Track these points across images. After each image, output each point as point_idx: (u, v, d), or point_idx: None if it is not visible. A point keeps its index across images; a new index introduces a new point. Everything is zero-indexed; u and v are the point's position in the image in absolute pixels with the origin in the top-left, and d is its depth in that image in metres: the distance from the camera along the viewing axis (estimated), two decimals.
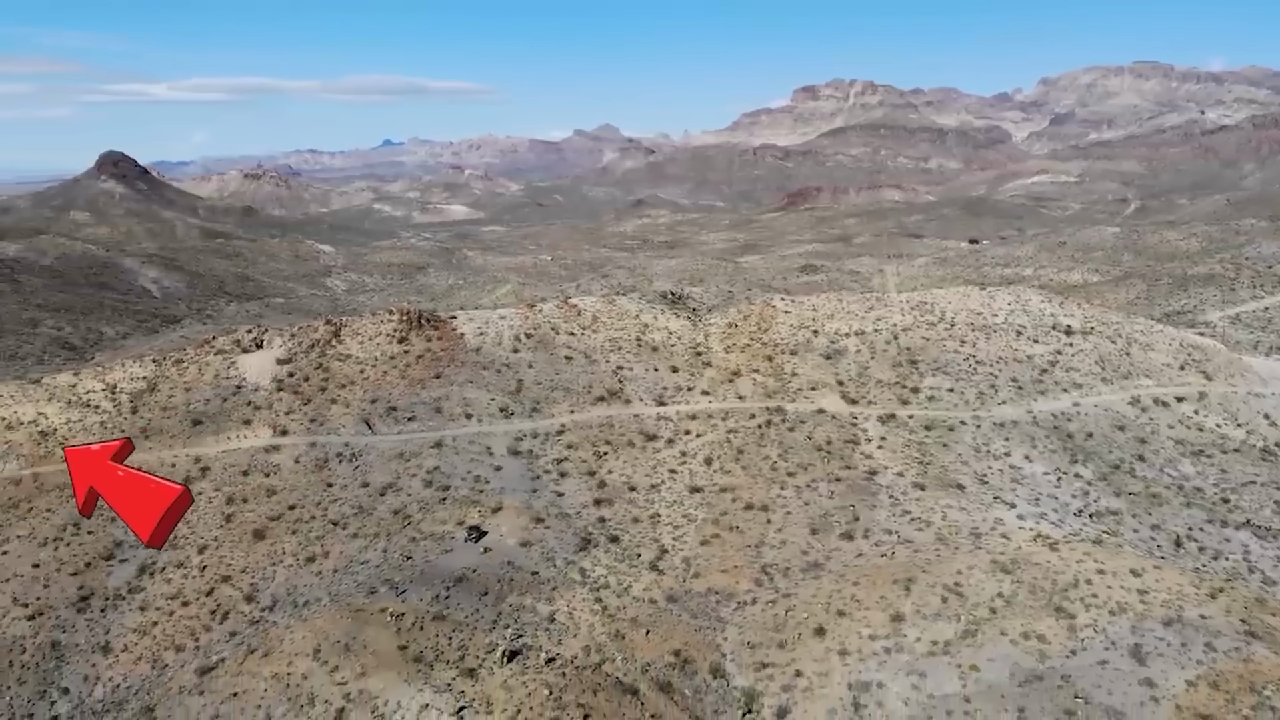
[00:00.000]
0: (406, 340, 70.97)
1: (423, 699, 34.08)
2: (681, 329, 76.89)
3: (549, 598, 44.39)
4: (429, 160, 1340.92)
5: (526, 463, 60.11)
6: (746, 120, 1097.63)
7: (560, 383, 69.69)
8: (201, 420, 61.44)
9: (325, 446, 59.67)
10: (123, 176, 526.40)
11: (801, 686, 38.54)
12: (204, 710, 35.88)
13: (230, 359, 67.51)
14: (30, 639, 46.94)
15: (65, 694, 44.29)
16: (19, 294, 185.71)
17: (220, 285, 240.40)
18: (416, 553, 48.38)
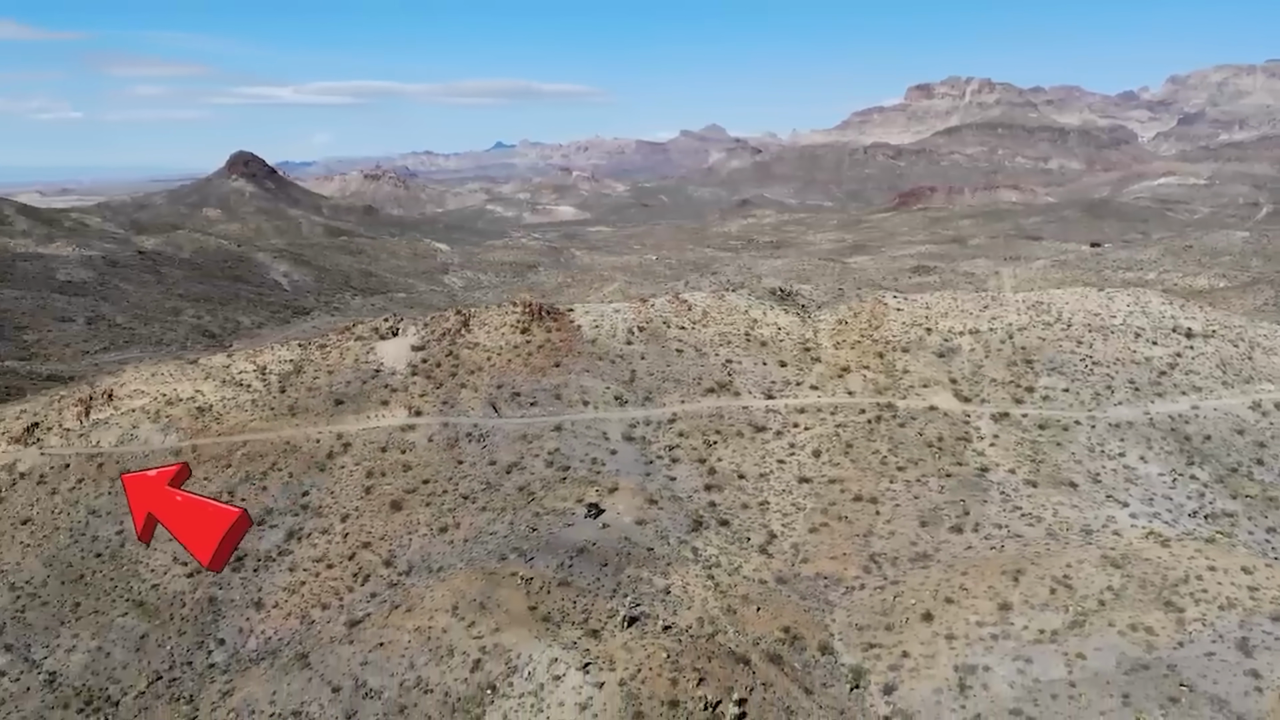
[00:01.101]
0: (529, 331, 74.71)
1: (552, 654, 37.02)
2: (790, 325, 78.42)
3: (664, 572, 46.92)
4: (539, 162, 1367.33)
5: (640, 448, 62.81)
6: (857, 119, 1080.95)
7: (671, 374, 72.18)
8: (343, 400, 66.36)
9: (455, 427, 63.66)
10: (252, 176, 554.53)
11: (908, 666, 39.99)
12: (354, 657, 39.68)
13: (369, 345, 72.48)
14: (189, 594, 52.11)
15: (221, 644, 49.15)
16: (162, 285, 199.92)
17: (345, 280, 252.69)
18: (540, 526, 51.67)
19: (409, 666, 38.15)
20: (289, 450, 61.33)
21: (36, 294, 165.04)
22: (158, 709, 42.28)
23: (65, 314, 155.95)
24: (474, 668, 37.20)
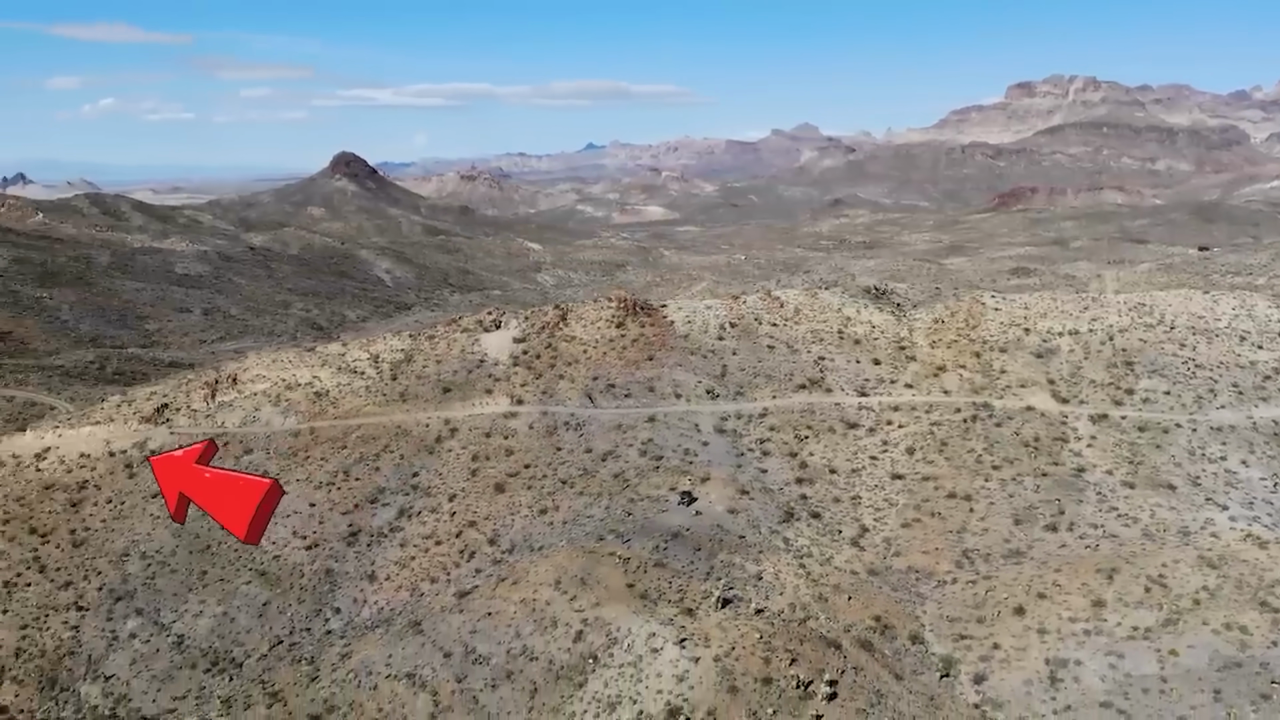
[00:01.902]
0: (623, 325, 76.76)
1: (649, 628, 38.76)
2: (885, 323, 78.57)
3: (756, 559, 48.21)
4: (628, 163, 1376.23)
5: (731, 441, 64.13)
6: (955, 117, 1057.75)
7: (763, 370, 73.26)
8: (450, 388, 69.50)
9: (554, 415, 66.06)
10: (354, 175, 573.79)
11: (999, 658, 40.44)
12: (463, 626, 42.14)
13: (474, 337, 75.62)
14: (308, 566, 55.63)
15: (337, 613, 52.40)
16: (272, 279, 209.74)
17: (444, 277, 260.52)
18: (636, 511, 53.54)
19: (515, 635, 40.37)
20: (400, 434, 64.63)
21: (156, 286, 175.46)
22: (280, 669, 45.47)
23: (183, 305, 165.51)
24: (576, 638, 39.19)
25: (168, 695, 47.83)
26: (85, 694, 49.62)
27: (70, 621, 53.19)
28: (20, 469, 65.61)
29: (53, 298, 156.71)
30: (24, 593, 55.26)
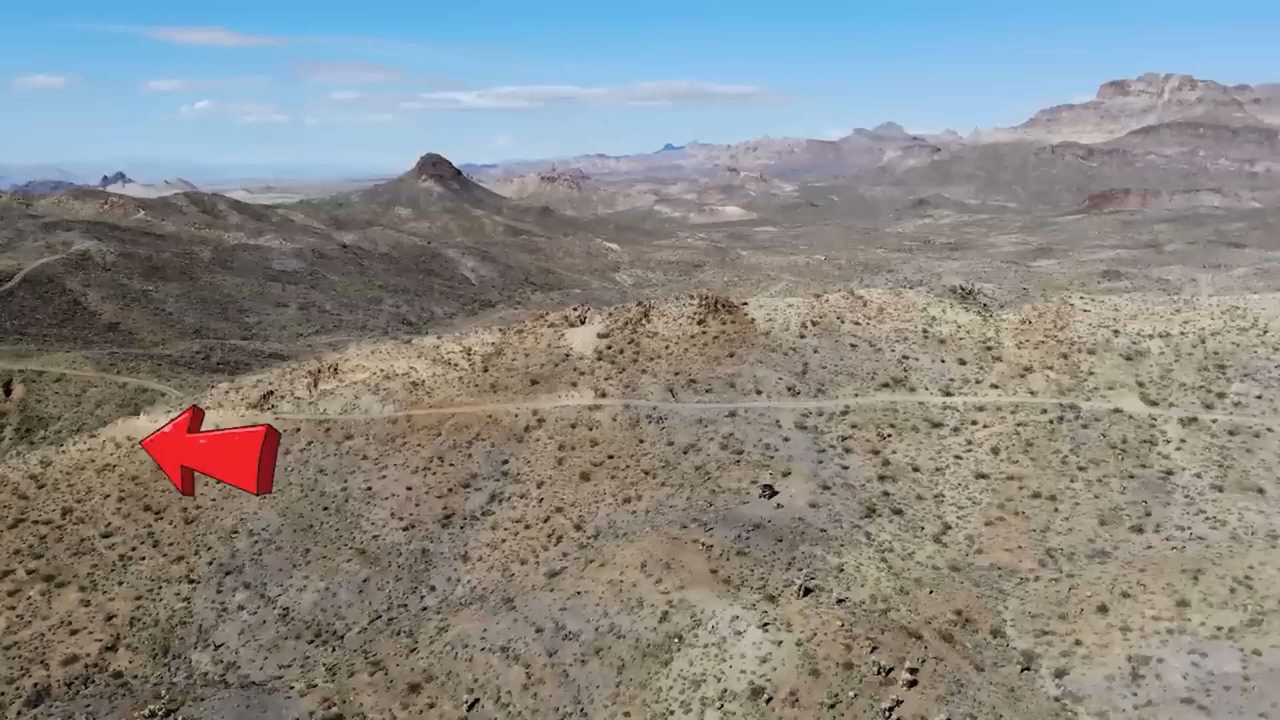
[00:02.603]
0: (705, 322, 77.99)
1: (733, 611, 40.00)
2: (971, 323, 78.15)
3: (837, 552, 49.01)
4: (706, 163, 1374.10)
5: (813, 437, 64.80)
6: (1045, 116, 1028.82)
7: (845, 368, 73.65)
8: (537, 380, 71.77)
9: (636, 409, 67.68)
10: (440, 177, 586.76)
11: (1080, 654, 40.57)
12: (554, 603, 44.00)
13: (560, 332, 77.84)
14: (405, 546, 58.36)
15: (432, 590, 54.93)
16: (364, 276, 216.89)
17: (526, 276, 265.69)
18: (717, 502, 54.80)
19: (603, 614, 42.05)
20: (491, 423, 67.08)
21: (255, 281, 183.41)
22: (380, 641, 48.00)
23: (280, 300, 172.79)
24: (662, 618, 40.67)
25: (274, 663, 50.83)
26: (196, 661, 52.99)
27: (182, 593, 56.79)
28: (135, 451, 69.98)
29: (158, 291, 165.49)
30: (139, 566, 59.18)
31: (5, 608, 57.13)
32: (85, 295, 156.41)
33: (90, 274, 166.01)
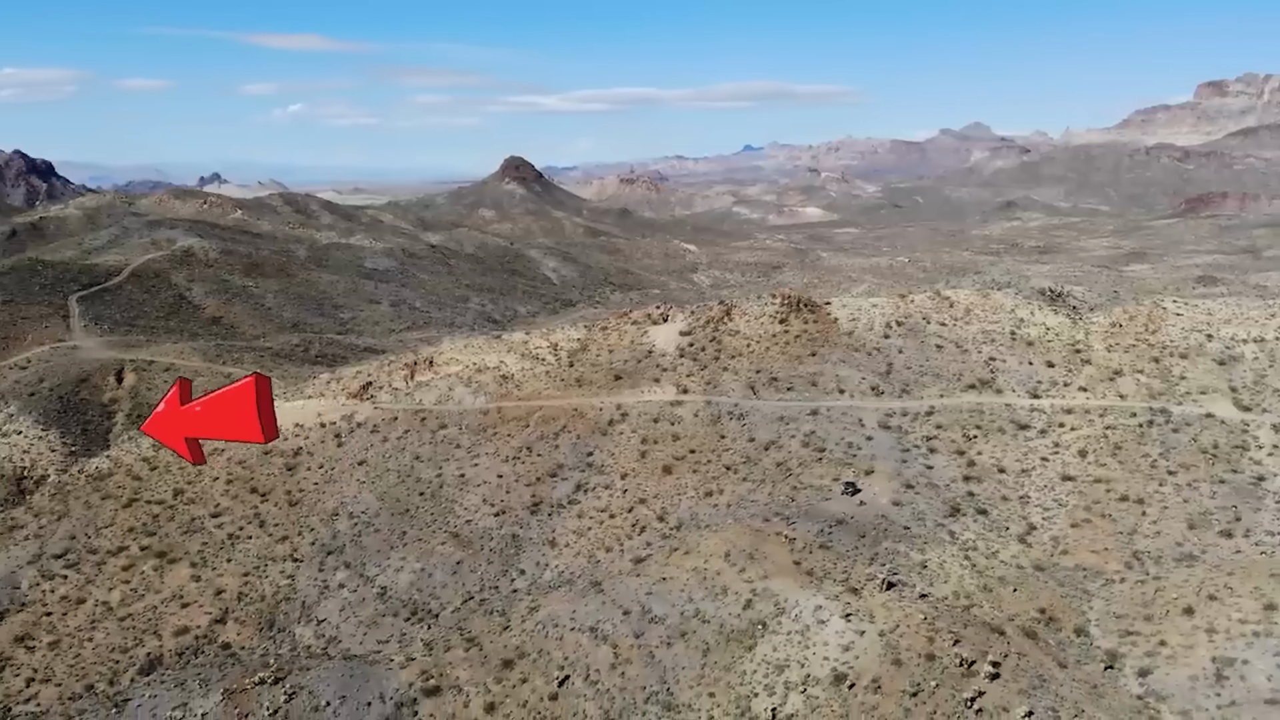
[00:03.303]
0: (787, 321, 78.66)
1: (816, 601, 40.91)
2: (1060, 325, 77.16)
3: (920, 549, 49.39)
4: (786, 164, 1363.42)
5: (896, 437, 65.01)
6: (1139, 117, 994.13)
7: (930, 368, 73.53)
8: (621, 375, 73.52)
9: (718, 405, 68.83)
10: (522, 179, 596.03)
11: (1165, 654, 40.33)
12: (640, 588, 45.49)
13: (643, 329, 79.48)
14: (496, 531, 60.65)
15: (522, 574, 57.05)
16: (451, 275, 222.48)
17: (605, 276, 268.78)
18: (799, 498, 55.62)
19: (688, 600, 43.38)
20: (576, 415, 69.04)
21: (349, 278, 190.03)
22: (474, 619, 50.15)
23: (373, 297, 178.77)
24: (746, 605, 41.81)
25: (373, 639, 53.55)
26: (299, 635, 56.09)
27: (286, 571, 60.09)
28: None
29: (258, 287, 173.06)
30: (246, 545, 62.75)
31: (120, 582, 61.25)
32: (190, 290, 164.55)
33: (194, 270, 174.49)
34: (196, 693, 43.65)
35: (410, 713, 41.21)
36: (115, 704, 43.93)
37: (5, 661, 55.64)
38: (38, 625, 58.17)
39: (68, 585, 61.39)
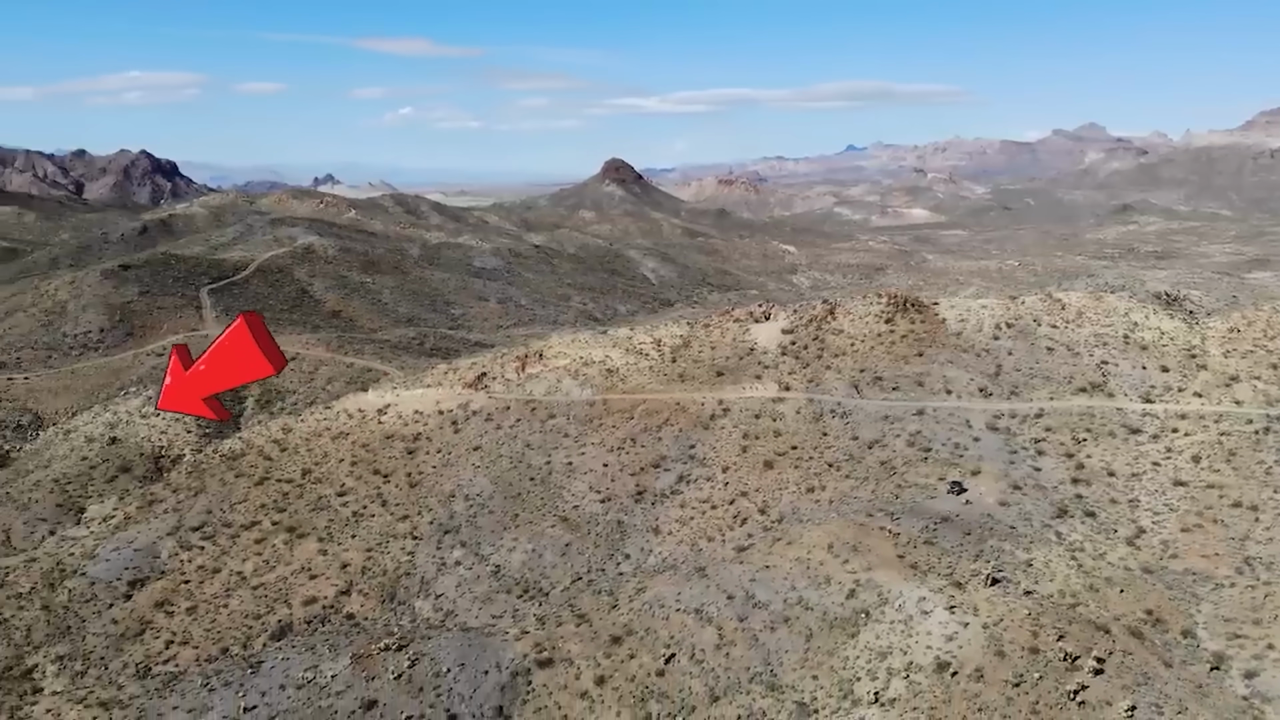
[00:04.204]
0: (892, 321, 78.85)
1: (920, 593, 41.75)
2: (1175, 330, 75.33)
3: (1026, 548, 49.52)
4: (890, 164, 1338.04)
5: (1004, 438, 64.74)
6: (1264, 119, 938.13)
7: (1040, 371, 72.77)
8: (723, 372, 75.05)
9: (820, 403, 69.70)
10: (622, 181, 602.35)
11: (1272, 658, 39.83)
12: (744, 574, 47.03)
13: (745, 327, 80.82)
14: (602, 517, 62.91)
15: (627, 558, 59.11)
16: (554, 274, 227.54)
17: (703, 277, 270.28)
18: (903, 495, 56.20)
19: (791, 587, 44.73)
20: (679, 409, 70.90)
21: (459, 276, 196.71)
22: (583, 598, 52.52)
23: (481, 294, 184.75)
24: (849, 595, 42.92)
25: (487, 613, 56.42)
26: (419, 608, 59.36)
27: (406, 548, 63.57)
28: (365, 421, 78.38)
29: (375, 283, 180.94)
30: (369, 522, 66.58)
31: (253, 554, 65.75)
32: (311, 285, 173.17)
33: (314, 266, 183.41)
34: (326, 656, 47.01)
35: (525, 682, 43.69)
36: (250, 665, 47.48)
37: (146, 625, 60.56)
38: (176, 592, 63.03)
39: (204, 556, 66.26)
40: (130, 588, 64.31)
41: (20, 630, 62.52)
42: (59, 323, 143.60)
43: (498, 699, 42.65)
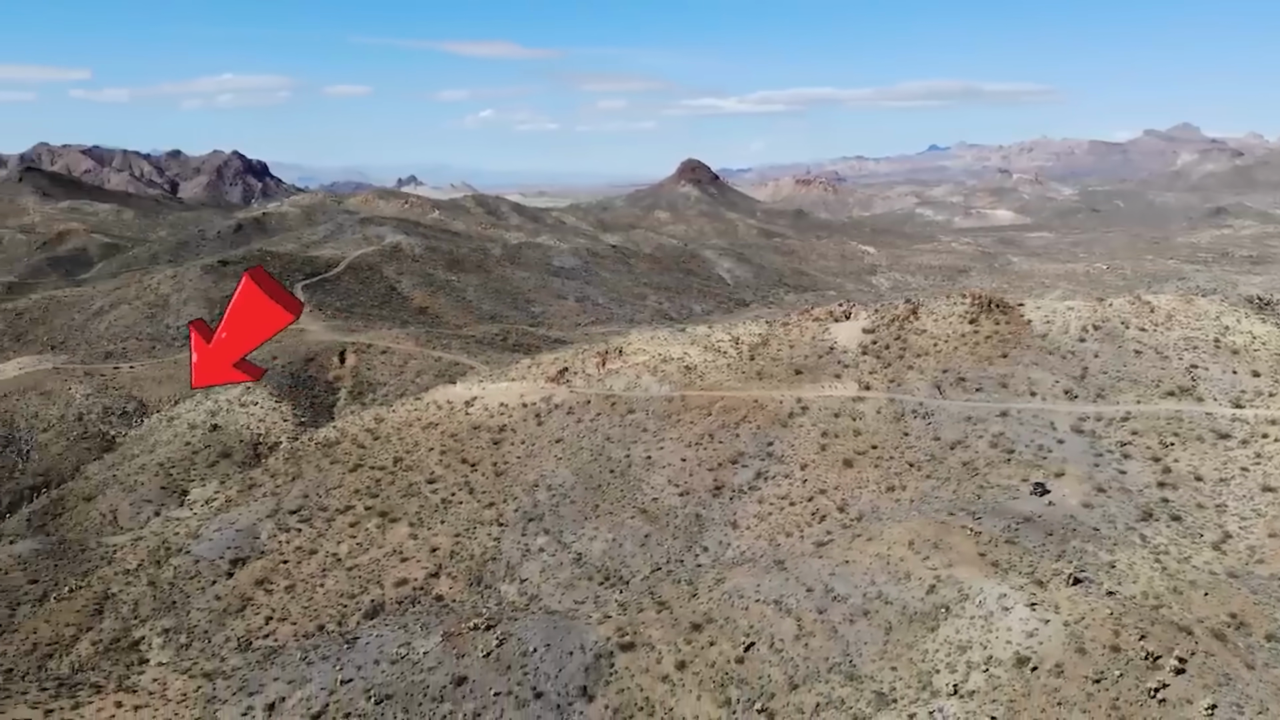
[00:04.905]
0: (976, 322, 78.40)
1: (1001, 590, 42.07)
2: (1268, 335, 73.30)
3: (1109, 550, 49.20)
4: (974, 165, 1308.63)
5: (1089, 441, 64.06)
6: None
7: (1127, 374, 71.64)
8: (801, 370, 75.69)
9: (901, 403, 69.87)
10: (698, 181, 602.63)
11: None
12: (823, 568, 47.87)
13: (825, 325, 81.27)
14: (680, 510, 64.27)
15: (705, 550, 60.35)
16: (631, 274, 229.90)
17: (779, 277, 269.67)
18: (985, 496, 56.24)
19: (870, 582, 45.42)
20: (756, 407, 71.84)
21: (539, 275, 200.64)
22: (663, 587, 53.96)
23: (560, 293, 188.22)
24: (929, 590, 43.45)
25: (570, 599, 58.30)
26: (504, 591, 61.57)
27: (493, 534, 65.91)
28: (453, 412, 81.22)
29: (459, 281, 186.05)
30: (457, 509, 69.16)
31: (347, 536, 68.86)
32: (399, 282, 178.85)
33: (402, 264, 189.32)
34: (418, 634, 49.26)
35: (608, 664, 45.26)
36: (346, 641, 49.96)
37: (246, 601, 64.08)
38: (275, 571, 66.49)
39: (301, 538, 69.70)
40: (232, 566, 68.00)
41: (128, 604, 66.69)
42: (162, 315, 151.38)
43: (581, 679, 44.23)
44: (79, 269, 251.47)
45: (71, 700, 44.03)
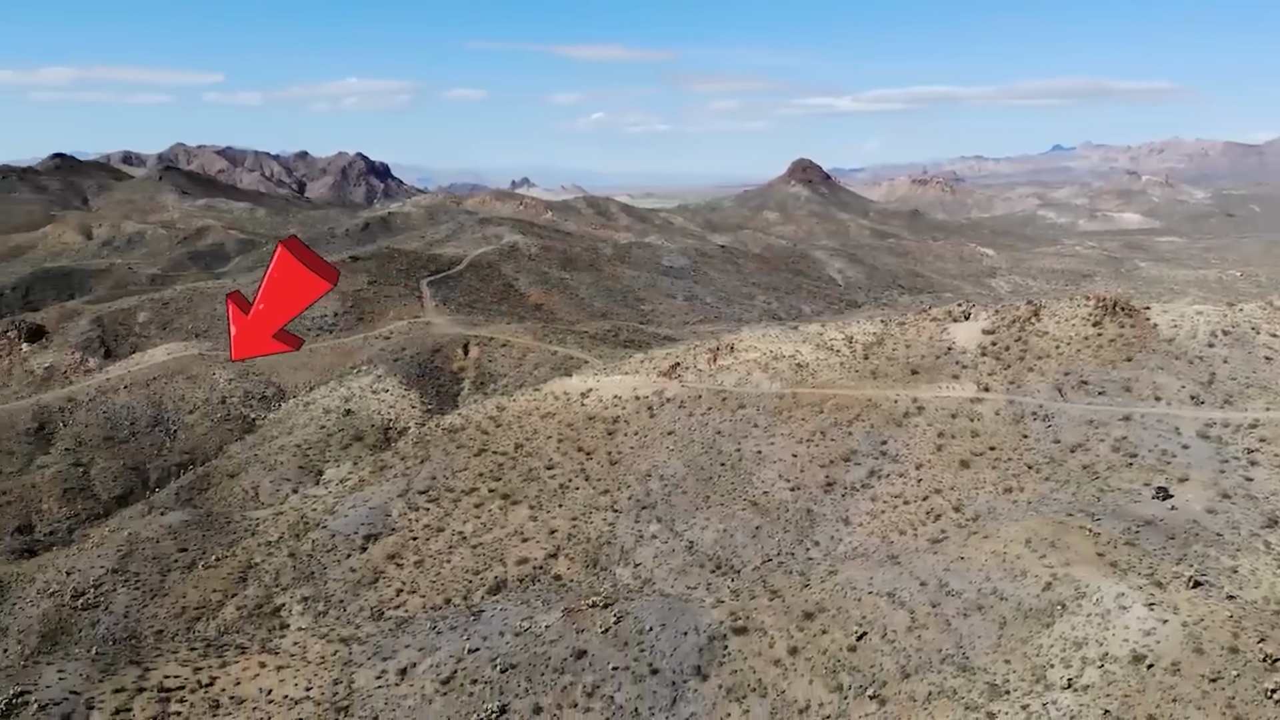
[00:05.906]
0: (1100, 324, 76.79)
1: (1118, 589, 41.94)
2: None
3: (1232, 555, 48.13)
4: (1101, 166, 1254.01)
5: (1215, 447, 62.29)
6: None
7: (1257, 380, 69.19)
8: (918, 370, 75.67)
9: (1021, 405, 69.22)
10: (808, 182, 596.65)
11: None
12: (937, 564, 48.40)
13: (943, 326, 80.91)
14: (791, 504, 65.36)
15: (816, 545, 61.35)
16: (739, 274, 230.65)
17: (893, 279, 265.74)
18: (1105, 499, 55.54)
19: (985, 578, 45.80)
20: (870, 406, 72.29)
21: (648, 274, 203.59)
22: (775, 576, 55.30)
23: (669, 292, 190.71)
24: (1045, 588, 43.61)
25: (682, 584, 60.19)
26: (619, 574, 63.92)
27: (608, 520, 68.39)
28: (570, 403, 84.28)
29: (573, 279, 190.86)
30: (574, 494, 71.96)
31: (472, 516, 72.47)
32: (516, 280, 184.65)
33: (519, 262, 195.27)
34: (540, 609, 51.93)
35: (721, 646, 46.92)
36: (472, 613, 53.02)
37: (379, 574, 68.26)
38: (405, 547, 70.56)
39: (429, 516, 73.73)
40: (366, 541, 72.50)
41: (270, 573, 71.84)
42: None
43: (695, 659, 46.00)
44: (217, 263, 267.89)
45: (219, 660, 48.01)
